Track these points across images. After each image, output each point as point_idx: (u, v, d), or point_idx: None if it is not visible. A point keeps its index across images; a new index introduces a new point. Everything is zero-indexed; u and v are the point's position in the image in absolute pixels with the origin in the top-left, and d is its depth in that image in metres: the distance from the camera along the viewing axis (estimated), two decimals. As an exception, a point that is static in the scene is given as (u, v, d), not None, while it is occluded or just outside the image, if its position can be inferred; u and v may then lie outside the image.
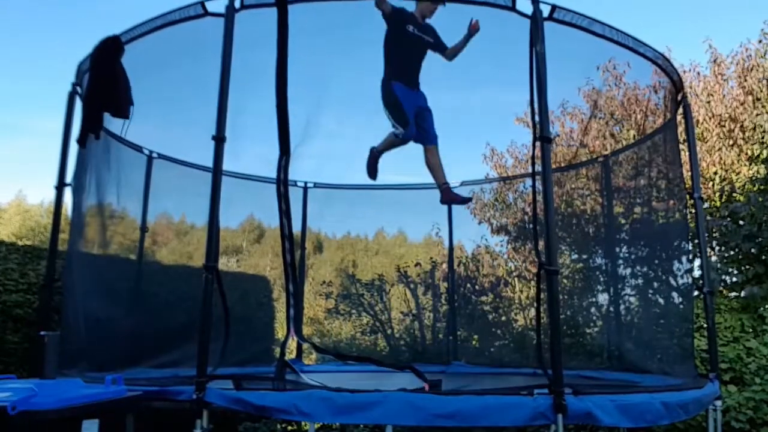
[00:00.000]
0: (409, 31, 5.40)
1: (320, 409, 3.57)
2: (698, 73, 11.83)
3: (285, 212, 5.25)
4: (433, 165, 5.69)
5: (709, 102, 11.17)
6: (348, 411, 3.55)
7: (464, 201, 6.36)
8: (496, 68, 5.70)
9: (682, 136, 6.23)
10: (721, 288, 9.19)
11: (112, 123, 5.12)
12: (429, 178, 5.81)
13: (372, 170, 5.91)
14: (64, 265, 5.34)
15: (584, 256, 8.00)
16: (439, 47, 5.63)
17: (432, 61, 5.57)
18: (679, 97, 5.63)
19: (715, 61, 11.80)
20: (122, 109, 4.84)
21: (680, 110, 5.73)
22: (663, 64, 5.26)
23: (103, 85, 4.81)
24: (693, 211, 5.72)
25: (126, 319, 5.28)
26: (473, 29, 5.37)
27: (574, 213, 8.07)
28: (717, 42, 11.99)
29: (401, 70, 5.47)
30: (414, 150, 5.74)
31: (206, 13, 4.35)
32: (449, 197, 5.87)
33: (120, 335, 5.08)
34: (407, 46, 5.46)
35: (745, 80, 11.25)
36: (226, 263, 8.12)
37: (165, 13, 4.63)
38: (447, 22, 5.43)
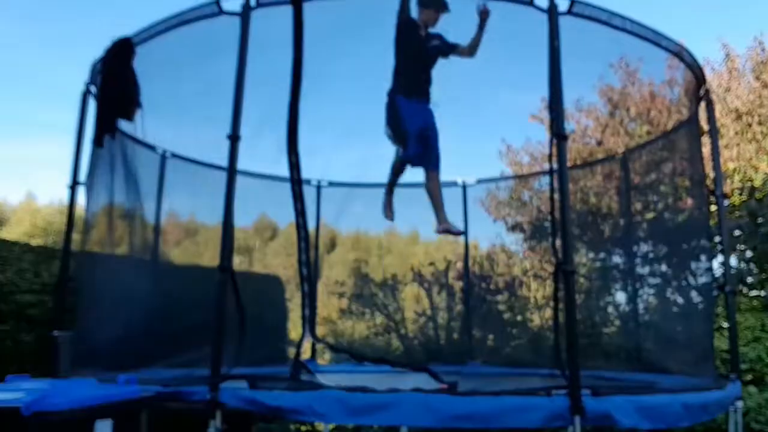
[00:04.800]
0: (419, 39, 5.25)
1: (335, 409, 3.54)
2: (713, 69, 11.72)
3: (300, 212, 5.22)
4: (433, 191, 5.43)
5: (725, 97, 11.05)
6: (363, 412, 3.52)
7: (459, 233, 6.08)
8: (513, 65, 5.62)
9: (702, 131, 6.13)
10: (740, 287, 9.08)
11: (126, 122, 5.12)
12: (442, 176, 5.73)
13: (389, 211, 5.75)
14: (77, 265, 5.34)
15: (602, 255, 7.92)
16: (450, 48, 5.42)
17: (446, 60, 5.48)
18: (701, 92, 5.54)
19: (728, 57, 11.69)
20: (129, 112, 4.85)
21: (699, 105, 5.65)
22: (684, 57, 5.17)
23: (114, 87, 4.82)
24: (714, 208, 5.64)
25: (139, 319, 5.27)
26: (483, 14, 5.10)
27: (591, 211, 7.99)
28: (730, 37, 11.91)
29: (409, 81, 5.25)
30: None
31: (221, 12, 4.33)
32: (445, 227, 5.56)
33: (134, 335, 5.06)
34: (416, 55, 5.27)
35: (761, 74, 11.13)
36: (239, 264, 8.10)
37: (180, 12, 4.63)
38: (465, 22, 5.33)
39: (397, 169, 5.54)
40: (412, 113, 5.13)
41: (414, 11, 5.27)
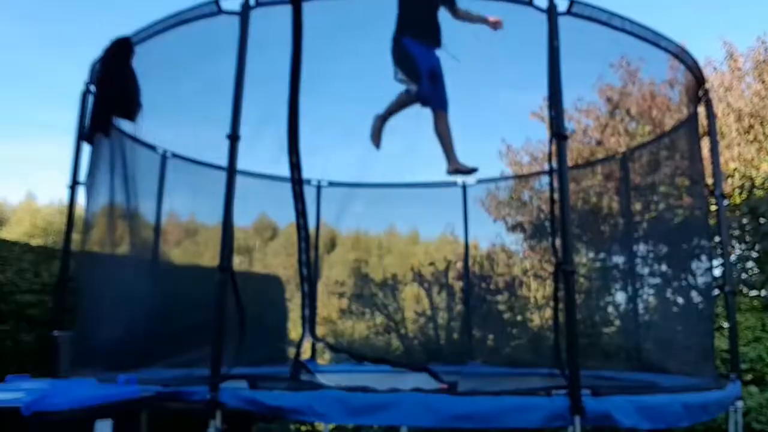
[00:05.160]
0: None
1: (335, 409, 3.54)
2: (714, 69, 11.71)
3: (301, 212, 5.22)
4: (442, 132, 5.30)
5: (726, 97, 11.05)
6: (363, 412, 3.52)
7: (470, 171, 6.05)
8: (513, 65, 5.62)
9: (701, 132, 6.13)
10: (740, 287, 9.07)
11: (126, 122, 5.12)
12: (443, 176, 5.72)
13: (377, 137, 5.51)
14: (77, 265, 5.34)
15: (602, 255, 7.92)
16: (450, 2, 5.31)
17: (446, 60, 5.47)
18: (700, 92, 5.55)
19: (731, 56, 11.68)
20: (130, 112, 4.84)
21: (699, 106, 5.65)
22: (684, 58, 5.17)
23: (112, 86, 4.82)
24: (714, 208, 5.64)
25: (139, 319, 5.27)
26: (494, 25, 5.12)
27: (592, 211, 7.99)
28: (732, 37, 11.90)
29: (414, 24, 5.12)
30: (422, 149, 5.63)
31: (220, 11, 4.33)
32: (455, 167, 5.44)
33: (134, 335, 5.06)
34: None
35: (762, 73, 11.12)
36: (239, 264, 8.11)
37: (179, 12, 4.62)
38: (467, 23, 5.32)
39: (402, 102, 5.39)
40: (423, 52, 5.05)
41: None
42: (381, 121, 5.48)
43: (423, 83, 5.02)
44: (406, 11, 5.09)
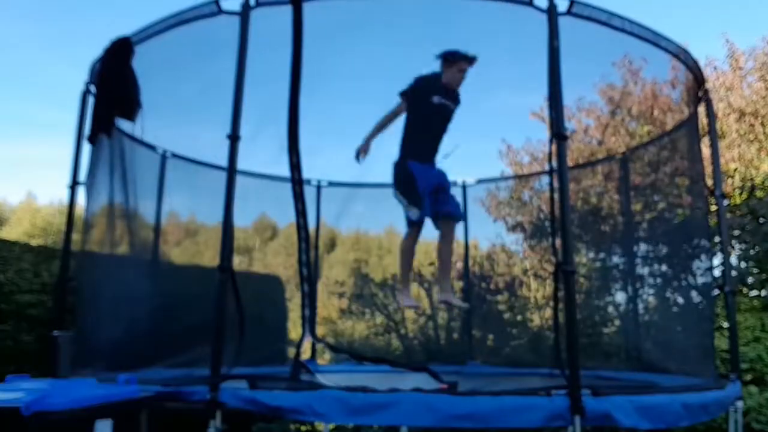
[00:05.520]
0: (435, 102, 5.17)
1: (335, 409, 3.54)
2: (715, 68, 11.71)
3: (301, 212, 5.22)
4: (446, 256, 5.47)
5: (727, 96, 11.04)
6: (363, 412, 3.51)
7: (462, 307, 6.05)
8: (513, 65, 5.61)
9: (702, 132, 6.13)
10: (740, 287, 9.07)
11: (126, 122, 5.12)
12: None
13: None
14: (77, 265, 5.34)
15: (602, 255, 7.92)
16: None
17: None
18: (700, 92, 5.54)
19: (732, 55, 11.67)
20: (130, 112, 4.84)
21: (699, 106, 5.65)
22: (684, 58, 5.17)
23: (112, 86, 4.81)
24: (714, 208, 5.64)
25: (139, 319, 5.27)
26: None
27: (592, 211, 7.99)
28: (734, 36, 11.88)
29: (422, 147, 5.23)
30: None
31: (221, 11, 4.32)
32: (447, 299, 5.57)
33: (134, 335, 5.06)
34: (431, 120, 5.22)
35: (765, 74, 11.11)
36: (238, 264, 8.11)
37: (179, 12, 4.61)
38: (467, 24, 5.33)
39: (411, 235, 5.45)
40: (422, 174, 5.14)
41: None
42: (405, 291, 5.68)
43: (426, 208, 5.10)
44: (415, 136, 5.24)
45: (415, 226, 5.33)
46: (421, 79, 5.23)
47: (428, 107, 5.18)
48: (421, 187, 5.08)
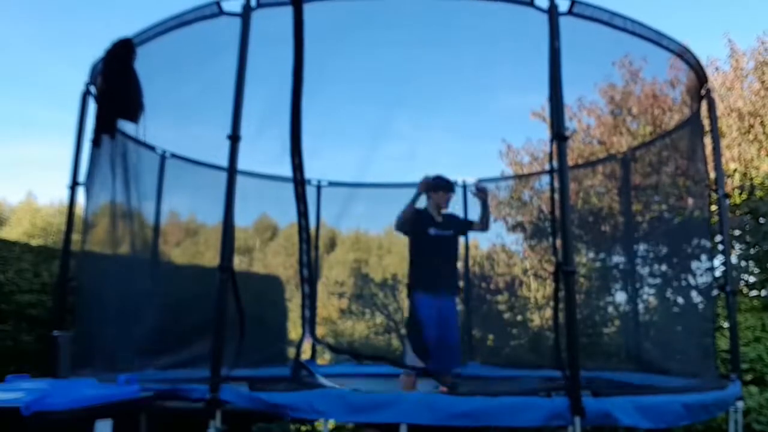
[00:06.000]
0: (431, 234, 5.31)
1: (335, 407, 3.55)
2: (716, 68, 11.71)
3: (303, 214, 5.21)
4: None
5: (728, 96, 11.04)
6: (363, 410, 3.52)
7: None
8: (514, 65, 5.61)
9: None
10: (741, 287, 9.07)
11: (128, 123, 5.12)
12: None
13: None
14: (77, 265, 5.34)
15: (602, 255, 7.92)
16: (467, 226, 5.71)
17: (448, 61, 5.46)
18: (702, 91, 5.54)
19: (733, 55, 11.67)
20: (133, 114, 4.84)
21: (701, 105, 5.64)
22: (686, 57, 5.17)
23: (114, 88, 4.82)
24: (715, 208, 5.63)
25: (140, 320, 5.27)
26: (482, 194, 5.57)
27: (592, 211, 7.99)
28: (736, 36, 11.89)
29: (428, 277, 5.26)
30: (423, 150, 5.58)
31: (222, 13, 4.33)
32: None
33: (134, 335, 5.07)
34: (432, 251, 5.31)
35: (763, 74, 11.11)
36: (239, 264, 8.11)
37: (181, 13, 4.62)
38: (468, 24, 5.32)
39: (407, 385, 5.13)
40: (429, 310, 5.15)
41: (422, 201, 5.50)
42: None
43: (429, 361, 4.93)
44: (420, 265, 5.37)
45: (408, 377, 5.03)
46: (415, 214, 5.41)
47: (426, 240, 5.36)
48: (428, 330, 5.03)
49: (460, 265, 8.54)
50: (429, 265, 5.33)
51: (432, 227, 5.37)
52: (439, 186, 5.52)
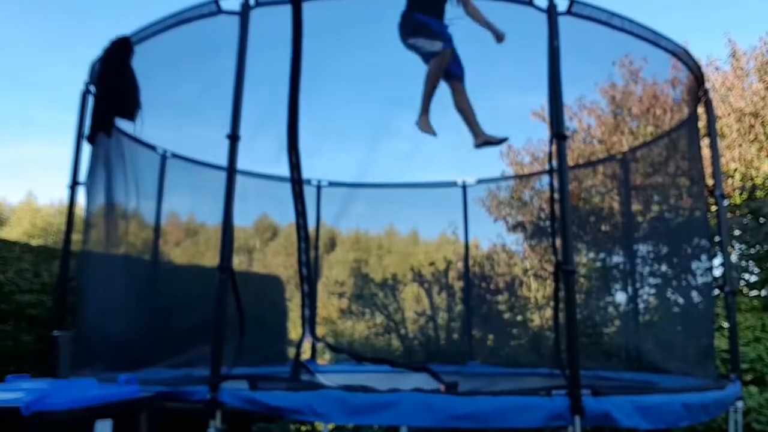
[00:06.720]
0: None
1: (335, 409, 3.54)
2: (717, 68, 11.71)
3: (301, 213, 5.21)
4: (465, 107, 5.30)
5: (728, 97, 11.04)
6: (363, 412, 3.52)
7: (501, 141, 5.68)
8: (514, 65, 5.61)
9: (702, 132, 6.13)
10: (741, 287, 9.07)
11: (126, 122, 5.12)
12: (443, 176, 5.72)
13: (429, 129, 5.31)
14: (77, 265, 5.34)
15: (602, 255, 7.92)
16: None
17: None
18: (700, 92, 5.54)
19: (734, 55, 11.66)
20: (129, 112, 4.84)
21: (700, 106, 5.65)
22: (684, 58, 5.17)
23: (112, 86, 4.81)
24: (714, 208, 5.64)
25: (140, 319, 5.27)
26: (498, 38, 5.15)
27: (592, 211, 7.99)
28: (737, 36, 11.88)
29: (426, 4, 5.08)
30: (423, 149, 5.56)
31: (220, 11, 4.33)
32: (483, 139, 5.40)
33: (133, 335, 5.07)
34: None
35: (766, 74, 11.11)
36: (238, 264, 8.11)
37: (179, 12, 4.62)
38: (467, 24, 5.31)
39: (432, 83, 5.22)
40: (436, 23, 5.02)
41: None
42: (425, 113, 5.31)
43: (448, 41, 4.95)
44: None
45: (440, 56, 5.05)
46: None
47: None
48: (435, 26, 4.97)
49: (460, 265, 8.58)
50: None
51: None
52: None
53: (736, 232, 8.89)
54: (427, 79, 5.19)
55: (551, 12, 3.98)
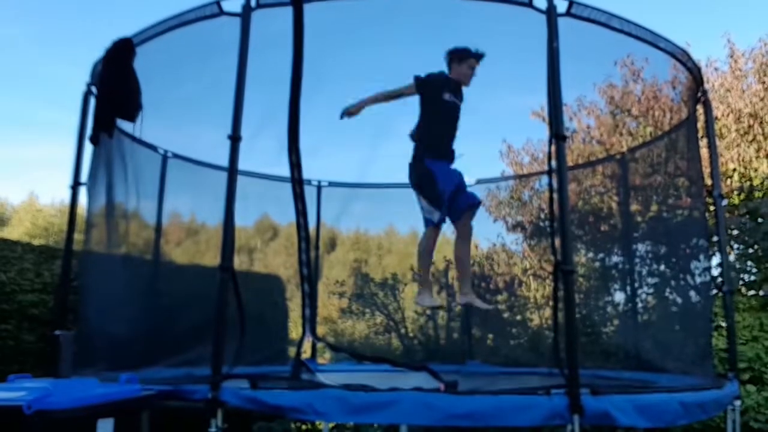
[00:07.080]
0: (446, 99, 5.09)
1: (335, 408, 3.56)
2: (716, 69, 11.72)
3: (301, 212, 5.22)
4: (461, 256, 5.28)
5: (727, 97, 11.05)
6: (363, 411, 3.53)
7: (486, 308, 5.84)
8: (514, 66, 5.63)
9: (700, 133, 6.15)
10: (739, 286, 9.09)
11: (127, 122, 5.14)
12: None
13: (427, 293, 5.34)
14: (79, 265, 5.36)
15: (601, 255, 7.94)
16: None
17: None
18: (699, 93, 5.56)
19: (732, 56, 11.68)
20: (130, 113, 4.86)
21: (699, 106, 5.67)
22: (683, 59, 5.19)
23: (113, 87, 4.83)
24: (712, 208, 5.66)
25: (141, 319, 5.29)
26: None
27: (591, 211, 8.01)
28: (736, 37, 11.88)
29: (439, 145, 5.11)
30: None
31: (222, 13, 4.34)
32: (468, 300, 5.34)
33: (135, 335, 5.09)
34: (445, 117, 5.14)
35: (765, 75, 11.12)
36: (239, 264, 8.13)
37: (180, 13, 4.64)
38: (467, 24, 5.33)
39: (426, 252, 5.29)
40: (445, 174, 5.03)
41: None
42: (426, 292, 5.37)
43: (443, 209, 4.97)
44: (430, 133, 5.11)
45: (434, 228, 5.17)
46: (433, 76, 5.16)
47: (441, 104, 5.09)
48: (442, 187, 4.96)
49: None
50: (442, 131, 5.15)
51: (447, 93, 5.09)
52: (466, 55, 5.16)
53: (735, 232, 8.91)
54: (420, 254, 5.30)
55: (551, 13, 3.99)
